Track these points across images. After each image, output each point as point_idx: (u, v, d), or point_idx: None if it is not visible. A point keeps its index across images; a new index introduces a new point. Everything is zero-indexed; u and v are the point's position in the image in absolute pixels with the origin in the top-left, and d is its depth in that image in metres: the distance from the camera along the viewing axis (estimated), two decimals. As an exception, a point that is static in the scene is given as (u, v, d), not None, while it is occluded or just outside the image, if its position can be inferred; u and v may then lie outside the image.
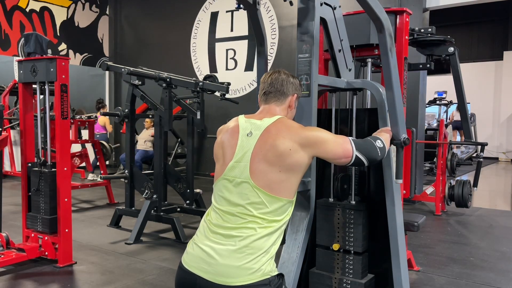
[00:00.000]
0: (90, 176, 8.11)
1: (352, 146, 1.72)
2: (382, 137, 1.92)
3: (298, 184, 1.69)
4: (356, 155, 1.72)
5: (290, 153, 1.60)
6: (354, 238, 2.37)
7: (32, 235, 3.98)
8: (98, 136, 8.40)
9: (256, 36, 2.43)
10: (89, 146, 7.67)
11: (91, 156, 7.67)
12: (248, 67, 9.08)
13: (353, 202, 2.40)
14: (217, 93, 5.76)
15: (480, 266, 4.07)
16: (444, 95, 10.90)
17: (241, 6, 2.25)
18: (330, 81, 2.32)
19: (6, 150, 8.31)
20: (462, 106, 5.03)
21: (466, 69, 11.32)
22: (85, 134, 8.11)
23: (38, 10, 9.86)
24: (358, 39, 2.82)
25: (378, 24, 2.10)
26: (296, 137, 1.62)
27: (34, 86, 4.15)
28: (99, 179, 7.72)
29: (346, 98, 2.62)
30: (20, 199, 4.11)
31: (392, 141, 2.10)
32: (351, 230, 2.38)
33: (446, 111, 11.54)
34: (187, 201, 5.34)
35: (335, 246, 2.42)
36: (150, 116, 6.62)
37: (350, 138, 1.76)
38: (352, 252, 2.38)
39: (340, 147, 1.70)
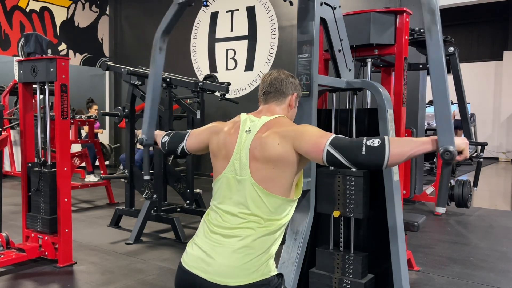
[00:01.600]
0: (87, 178, 8.04)
1: (327, 140, 1.52)
2: (403, 140, 1.51)
3: (298, 184, 1.68)
4: (327, 150, 1.50)
5: (277, 147, 1.59)
6: (355, 204, 2.37)
7: (32, 235, 3.98)
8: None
9: (166, 30, 2.37)
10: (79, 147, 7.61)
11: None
12: (248, 67, 9.08)
13: (354, 169, 2.40)
14: (217, 93, 5.76)
15: (480, 266, 4.07)
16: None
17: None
18: (330, 81, 2.32)
19: (6, 150, 8.31)
20: (462, 106, 5.03)
21: (466, 69, 11.32)
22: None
23: (38, 10, 9.86)
24: (358, 39, 2.83)
25: None
26: (282, 132, 1.62)
27: (34, 86, 4.15)
28: (93, 180, 7.72)
29: (346, 98, 2.62)
30: (20, 199, 4.11)
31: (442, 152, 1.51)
32: (351, 196, 2.37)
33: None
34: (187, 201, 5.34)
35: (336, 213, 2.42)
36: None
37: (335, 135, 1.56)
38: (353, 218, 2.37)
39: (313, 140, 1.54)
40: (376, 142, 1.47)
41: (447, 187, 1.62)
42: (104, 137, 10.75)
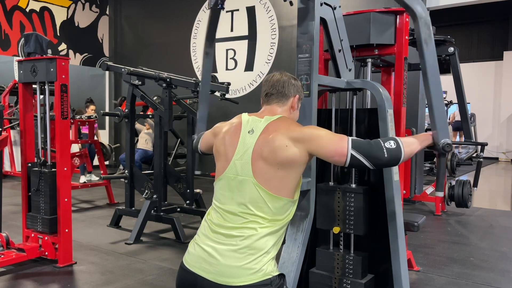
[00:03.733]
0: (82, 179, 7.95)
1: (348, 144, 1.60)
2: (408, 139, 1.72)
3: (298, 183, 1.69)
4: (351, 154, 1.59)
5: (285, 149, 1.59)
6: (355, 221, 2.37)
7: (32, 235, 3.98)
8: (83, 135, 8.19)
9: (209, 36, 2.49)
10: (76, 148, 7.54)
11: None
12: (248, 67, 9.08)
13: (353, 186, 2.40)
14: (217, 93, 5.76)
15: (480, 266, 4.07)
16: (444, 95, 10.89)
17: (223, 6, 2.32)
18: (330, 81, 2.32)
19: (6, 150, 8.31)
20: (462, 106, 5.03)
21: (466, 69, 11.33)
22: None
23: (38, 10, 9.86)
24: (358, 39, 2.82)
25: (411, 13, 2.01)
26: (291, 133, 1.62)
27: (34, 86, 4.15)
28: (89, 180, 7.69)
29: (346, 98, 2.62)
30: (20, 199, 4.11)
31: (432, 147, 1.88)
32: (351, 213, 2.37)
33: (446, 111, 11.53)
34: (187, 201, 5.34)
35: (336, 229, 2.42)
36: (150, 116, 6.62)
37: (350, 137, 1.64)
38: (352, 234, 2.38)
39: (333, 143, 1.60)
40: (392, 144, 1.63)
41: (444, 174, 1.94)
42: (104, 137, 10.76)
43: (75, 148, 8.00)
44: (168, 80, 4.87)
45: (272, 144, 1.61)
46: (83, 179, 7.83)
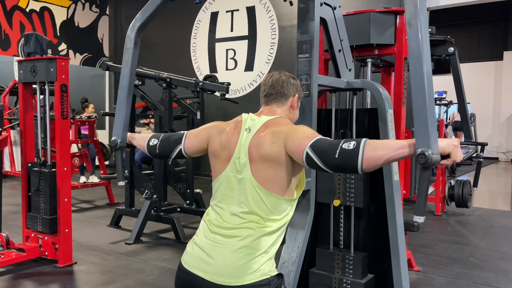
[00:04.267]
0: (82, 179, 7.94)
1: (309, 142, 1.48)
2: (382, 143, 1.42)
3: (294, 182, 1.67)
4: (306, 152, 1.47)
5: (272, 146, 1.59)
6: (355, 193, 2.36)
7: (32, 235, 3.98)
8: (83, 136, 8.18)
9: (145, 24, 2.20)
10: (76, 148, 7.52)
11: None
12: (248, 67, 9.08)
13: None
14: (217, 93, 5.76)
15: (480, 266, 4.07)
16: (444, 95, 10.89)
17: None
18: (330, 81, 2.32)
19: (6, 150, 8.31)
20: (462, 106, 5.02)
21: (466, 69, 11.32)
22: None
23: (38, 10, 9.86)
24: (358, 39, 2.83)
25: None
26: (277, 131, 1.61)
27: (34, 86, 4.15)
28: (91, 180, 7.69)
29: (346, 98, 2.62)
30: (20, 199, 4.11)
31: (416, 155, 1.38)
32: (351, 186, 2.37)
33: (446, 111, 11.53)
34: (187, 201, 5.33)
35: (336, 202, 2.41)
36: (150, 116, 6.62)
37: (320, 137, 1.51)
38: (353, 207, 2.37)
39: (298, 140, 1.51)
40: (351, 145, 1.41)
41: (426, 194, 1.48)
42: (104, 137, 10.75)
43: (74, 148, 7.97)
44: (168, 80, 4.87)
45: (261, 141, 1.61)
46: (83, 179, 7.83)
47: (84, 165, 7.48)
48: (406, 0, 1.56)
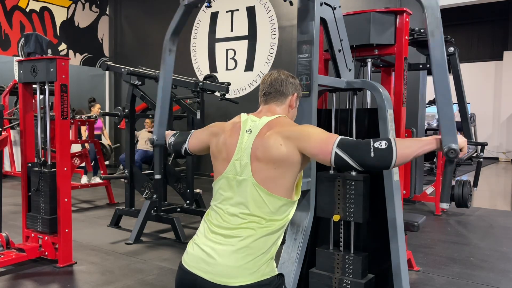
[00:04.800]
0: (84, 179, 7.96)
1: (334, 142, 1.53)
2: (406, 141, 1.55)
3: (296, 183, 1.68)
4: (335, 152, 1.51)
5: (279, 148, 1.59)
6: (355, 209, 2.36)
7: (32, 235, 3.98)
8: (96, 136, 8.28)
9: (175, 32, 2.49)
10: (81, 148, 7.56)
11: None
12: (248, 67, 9.08)
13: (354, 173, 2.40)
14: (217, 93, 5.76)
15: (480, 266, 4.07)
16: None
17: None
18: (330, 81, 2.32)
19: (6, 150, 8.31)
20: (462, 106, 5.02)
21: (466, 69, 11.33)
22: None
23: (38, 10, 9.86)
24: (358, 39, 2.82)
25: (419, 2, 1.93)
26: (285, 133, 1.61)
27: (34, 86, 4.15)
28: (93, 181, 7.71)
29: (346, 98, 2.62)
30: (20, 199, 4.11)
31: (442, 151, 1.62)
32: (351, 201, 2.37)
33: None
34: (187, 201, 5.34)
35: (336, 217, 2.41)
36: (150, 116, 6.63)
37: (341, 136, 1.57)
38: (353, 222, 2.37)
39: (320, 142, 1.55)
40: (383, 144, 1.50)
41: (450, 183, 1.68)
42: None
43: (78, 147, 7.99)
44: (168, 80, 4.85)
45: (266, 143, 1.61)
46: (84, 179, 7.85)
47: (84, 165, 7.49)
48: (427, 13, 1.84)
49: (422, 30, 4.54)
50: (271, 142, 1.60)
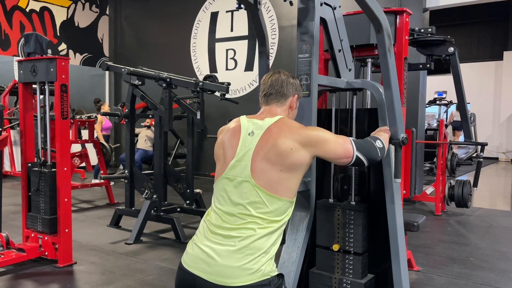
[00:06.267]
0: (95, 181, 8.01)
1: (353, 146, 1.73)
2: (382, 137, 1.93)
3: (299, 184, 1.69)
4: (356, 155, 1.74)
5: (291, 152, 1.60)
6: (354, 238, 2.37)
7: (32, 235, 3.98)
8: (105, 136, 8.31)
9: (257, 36, 2.43)
10: (90, 147, 7.61)
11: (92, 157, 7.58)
12: (248, 67, 9.08)
13: (353, 203, 2.40)
14: (217, 93, 5.76)
15: (480, 266, 4.07)
16: (444, 95, 10.90)
17: (242, 6, 2.25)
18: (330, 81, 2.32)
19: (6, 150, 8.31)
20: (462, 106, 5.03)
21: (466, 69, 11.33)
22: (85, 134, 8.09)
23: (38, 10, 9.86)
24: (358, 39, 2.82)
25: (376, 24, 2.10)
26: (297, 136, 1.62)
27: (34, 86, 4.15)
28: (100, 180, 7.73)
29: (346, 98, 2.62)
30: (20, 199, 4.11)
31: (390, 141, 2.11)
32: (351, 230, 2.37)
33: (446, 111, 11.54)
34: (187, 201, 5.34)
35: (335, 247, 2.42)
36: (150, 116, 6.62)
37: (350, 138, 1.76)
38: (352, 252, 2.38)
39: (341, 147, 1.71)
40: (380, 144, 1.86)
41: (400, 162, 2.17)
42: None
43: (79, 148, 8.00)
44: (168, 80, 4.87)
45: (274, 146, 1.61)
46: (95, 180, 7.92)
47: (84, 166, 7.50)
48: (382, 32, 2.12)
49: (422, 30, 4.55)
50: (280, 146, 1.60)
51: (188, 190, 5.31)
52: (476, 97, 14.01)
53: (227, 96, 5.81)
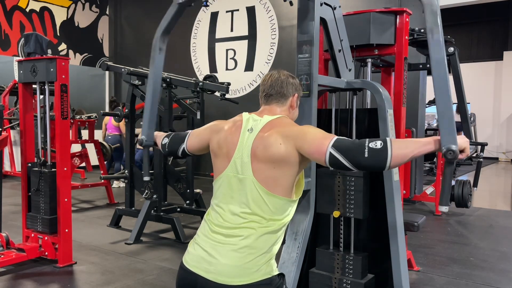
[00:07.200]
0: (115, 184, 8.07)
1: (330, 143, 1.52)
2: (403, 142, 1.52)
3: (298, 184, 1.68)
4: (330, 152, 1.51)
5: (279, 147, 1.59)
6: (355, 205, 2.36)
7: (32, 235, 3.98)
8: (110, 137, 8.28)
9: (167, 31, 2.37)
10: (90, 147, 7.61)
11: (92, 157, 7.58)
12: (248, 67, 9.08)
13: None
14: (217, 93, 5.76)
15: (480, 266, 4.07)
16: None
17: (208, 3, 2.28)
18: (330, 81, 2.32)
19: (6, 150, 8.31)
20: (462, 106, 5.02)
21: (466, 69, 11.33)
22: (85, 134, 8.09)
23: (38, 10, 9.86)
24: (358, 39, 2.83)
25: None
26: (285, 132, 1.61)
27: (34, 86, 4.15)
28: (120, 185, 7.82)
29: (346, 98, 2.62)
30: (20, 199, 4.11)
31: (444, 151, 1.53)
32: (351, 197, 2.37)
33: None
34: (187, 201, 5.34)
35: (336, 214, 2.41)
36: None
37: (339, 137, 1.55)
38: (353, 218, 2.37)
39: (316, 141, 1.54)
40: (378, 144, 1.48)
41: (450, 186, 1.61)
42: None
43: (79, 148, 8.01)
44: (168, 80, 4.86)
45: (266, 142, 1.61)
46: (116, 184, 7.99)
47: (84, 166, 7.50)
48: (426, 10, 1.78)
49: (422, 30, 4.55)
50: (271, 141, 1.60)
51: (188, 190, 5.31)
52: (476, 97, 14.01)
53: (227, 96, 5.81)
